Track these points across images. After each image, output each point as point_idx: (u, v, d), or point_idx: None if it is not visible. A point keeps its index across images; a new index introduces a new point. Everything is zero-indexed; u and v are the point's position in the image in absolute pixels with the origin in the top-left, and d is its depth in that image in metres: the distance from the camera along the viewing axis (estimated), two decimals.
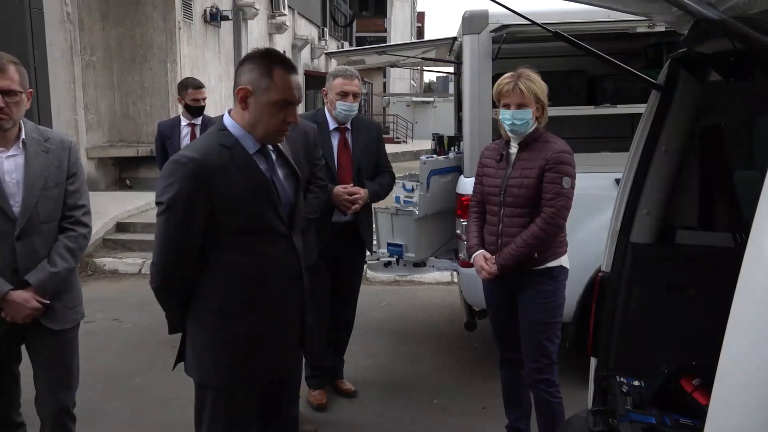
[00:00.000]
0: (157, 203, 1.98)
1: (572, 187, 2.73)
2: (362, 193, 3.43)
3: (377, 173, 3.64)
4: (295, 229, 2.17)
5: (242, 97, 1.99)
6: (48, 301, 2.41)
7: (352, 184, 3.42)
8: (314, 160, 3.23)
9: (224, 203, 1.96)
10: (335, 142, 3.49)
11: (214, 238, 1.99)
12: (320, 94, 3.86)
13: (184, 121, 4.89)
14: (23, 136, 2.39)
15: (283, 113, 1.99)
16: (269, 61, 1.99)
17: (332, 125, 3.49)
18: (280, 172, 2.14)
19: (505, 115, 2.76)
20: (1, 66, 2.26)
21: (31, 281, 2.37)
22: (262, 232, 2.05)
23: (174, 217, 1.94)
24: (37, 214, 2.38)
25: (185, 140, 4.79)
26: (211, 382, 2.10)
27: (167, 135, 4.78)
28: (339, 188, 3.38)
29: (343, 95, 3.39)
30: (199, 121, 4.89)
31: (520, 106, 2.72)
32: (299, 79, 2.05)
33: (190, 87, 4.84)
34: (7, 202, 2.33)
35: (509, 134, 2.82)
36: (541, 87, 2.76)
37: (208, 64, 12.02)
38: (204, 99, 4.90)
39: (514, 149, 2.85)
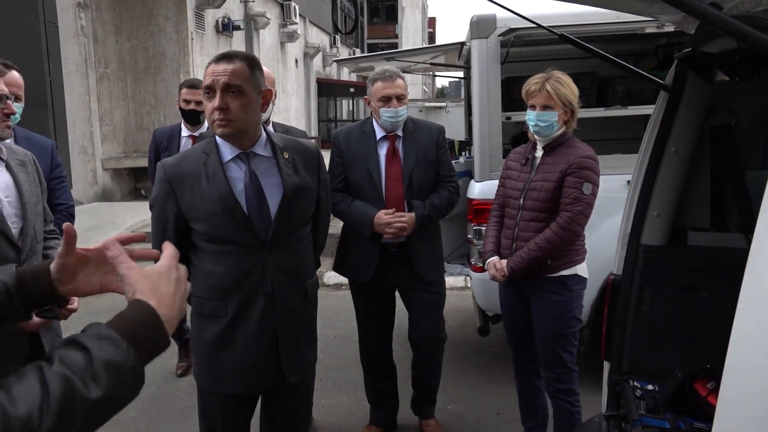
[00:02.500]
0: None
1: (593, 194, 2.67)
2: (406, 218, 3.04)
3: (437, 185, 3.18)
4: (276, 243, 2.07)
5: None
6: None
7: (394, 210, 3.04)
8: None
9: (188, 210, 2.05)
10: (382, 152, 3.12)
11: (191, 242, 2.10)
12: (363, 101, 3.59)
13: (185, 132, 4.12)
14: (3, 149, 2.08)
15: (210, 102, 1.97)
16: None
17: (380, 134, 3.13)
18: (270, 181, 2.08)
19: (530, 116, 2.71)
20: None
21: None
22: (227, 243, 2.04)
23: (154, 215, 2.16)
24: (35, 234, 2.11)
25: None
26: (196, 380, 2.23)
27: (164, 145, 4.10)
28: (381, 213, 3.03)
29: (386, 100, 3.02)
30: (197, 132, 4.09)
31: (545, 108, 2.68)
32: (239, 66, 1.97)
33: (184, 86, 4.05)
34: (7, 224, 2.00)
35: (534, 136, 2.78)
36: (570, 90, 2.69)
37: None
38: (199, 103, 3.92)
39: (539, 153, 2.79)
